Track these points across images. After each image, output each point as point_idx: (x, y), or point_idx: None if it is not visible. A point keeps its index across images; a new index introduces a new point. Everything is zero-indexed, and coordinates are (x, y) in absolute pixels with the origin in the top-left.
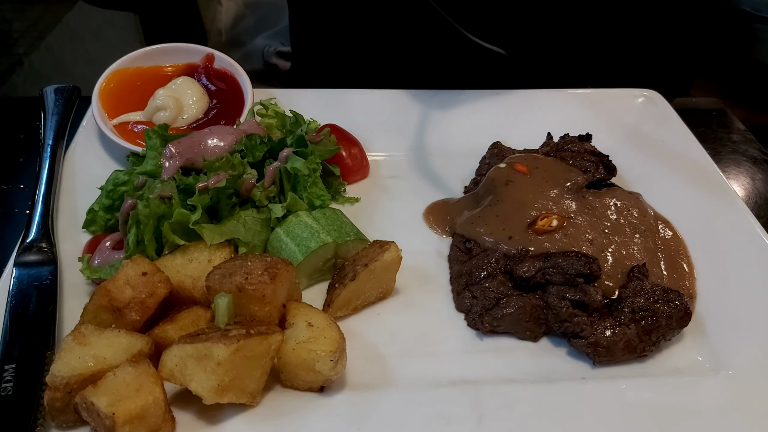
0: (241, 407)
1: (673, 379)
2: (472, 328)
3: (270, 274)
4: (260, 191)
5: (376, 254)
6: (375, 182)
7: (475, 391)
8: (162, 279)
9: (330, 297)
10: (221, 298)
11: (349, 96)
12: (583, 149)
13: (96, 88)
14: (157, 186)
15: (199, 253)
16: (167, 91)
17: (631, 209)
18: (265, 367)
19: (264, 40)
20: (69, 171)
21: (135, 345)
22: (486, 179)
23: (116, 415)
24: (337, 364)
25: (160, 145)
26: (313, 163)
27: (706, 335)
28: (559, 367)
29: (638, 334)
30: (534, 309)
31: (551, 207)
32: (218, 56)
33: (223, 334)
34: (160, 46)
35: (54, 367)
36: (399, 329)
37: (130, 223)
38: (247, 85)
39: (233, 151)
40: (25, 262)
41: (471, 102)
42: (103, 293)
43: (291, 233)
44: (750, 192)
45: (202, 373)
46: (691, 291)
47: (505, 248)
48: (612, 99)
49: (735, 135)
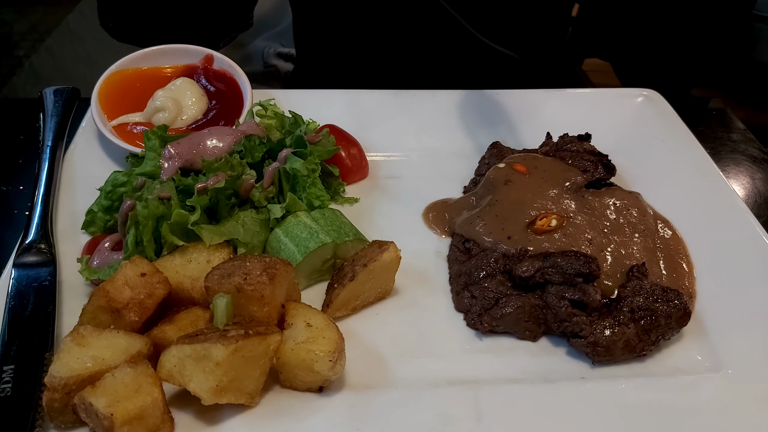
0: (240, 408)
1: (672, 378)
2: (471, 327)
3: (269, 274)
4: (259, 192)
5: (375, 254)
6: (374, 182)
7: (474, 391)
8: (161, 280)
9: (329, 297)
10: (220, 298)
11: (348, 96)
12: (583, 149)
13: (95, 89)
14: (156, 187)
15: (198, 253)
16: (166, 92)
17: (630, 209)
18: (264, 368)
19: (264, 42)
20: (68, 172)
21: (134, 346)
22: (485, 179)
23: (115, 415)
24: (335, 364)
25: (159, 146)
26: (312, 163)
27: (706, 334)
28: (559, 367)
29: (637, 333)
30: (533, 309)
31: (550, 207)
32: (217, 57)
33: (221, 335)
34: (159, 48)
35: (52, 368)
36: (398, 329)
37: (129, 224)
38: (246, 86)
39: (232, 151)
40: (24, 263)
41: (470, 102)
42: (101, 294)
43: (290, 234)
44: (750, 191)
45: (200, 374)
46: (691, 290)
47: (505, 248)
48: (611, 98)
49: (735, 134)
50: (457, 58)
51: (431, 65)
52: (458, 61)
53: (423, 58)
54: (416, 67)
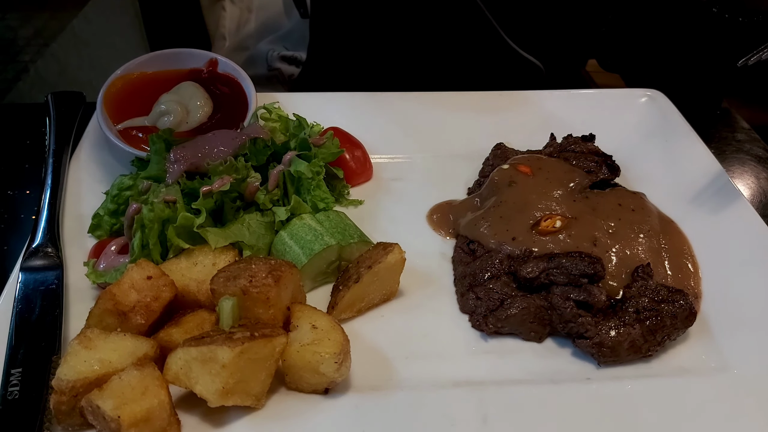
0: (246, 410)
1: (678, 379)
2: (476, 329)
3: (274, 276)
4: (264, 194)
5: (379, 256)
6: (378, 185)
7: (479, 393)
8: (167, 283)
9: (334, 299)
10: (226, 301)
11: (352, 99)
12: (587, 149)
13: (101, 93)
14: (162, 190)
15: (204, 256)
16: (171, 96)
17: (635, 209)
18: (270, 370)
19: (268, 45)
20: (74, 176)
21: (140, 348)
22: (489, 180)
23: (122, 418)
24: (341, 366)
25: (164, 150)
26: (316, 166)
27: (712, 335)
28: (564, 368)
29: (643, 334)
30: (538, 310)
31: (555, 208)
32: (222, 61)
33: (227, 337)
34: (164, 52)
35: (60, 371)
36: (403, 331)
37: (135, 228)
38: (251, 89)
39: (237, 155)
40: (31, 266)
41: (474, 103)
42: (108, 297)
43: (295, 236)
44: (755, 191)
45: (207, 376)
46: (696, 291)
47: (509, 249)
48: (615, 99)
49: (739, 134)
50: (479, 60)
51: (453, 66)
52: (480, 63)
53: (445, 59)
54: (436, 69)
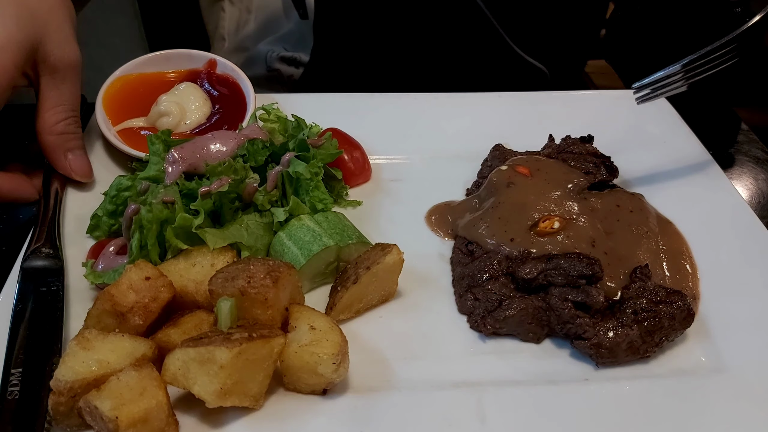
0: (244, 410)
1: (676, 380)
2: (474, 330)
3: (272, 277)
4: (262, 195)
5: (378, 257)
6: (377, 185)
7: (477, 393)
8: (165, 283)
9: (332, 300)
10: (224, 301)
11: (351, 100)
12: (585, 151)
13: (99, 94)
14: (160, 191)
15: (202, 257)
16: (170, 97)
17: (633, 210)
18: (268, 371)
19: (267, 46)
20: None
21: (138, 349)
22: (488, 181)
23: (119, 418)
24: (339, 366)
25: (163, 151)
26: (315, 167)
27: (710, 336)
28: (562, 369)
29: (641, 335)
30: (536, 311)
31: (553, 209)
32: (221, 62)
33: (225, 338)
34: (163, 53)
35: (58, 372)
36: (401, 332)
37: (134, 228)
38: (250, 90)
39: (236, 155)
40: (31, 267)
41: (472, 104)
42: (106, 298)
43: (293, 237)
44: (753, 192)
45: (204, 377)
46: (695, 292)
47: (507, 250)
48: (614, 100)
49: (738, 135)
50: (484, 65)
51: (458, 71)
52: (485, 68)
53: (450, 63)
54: (442, 74)
